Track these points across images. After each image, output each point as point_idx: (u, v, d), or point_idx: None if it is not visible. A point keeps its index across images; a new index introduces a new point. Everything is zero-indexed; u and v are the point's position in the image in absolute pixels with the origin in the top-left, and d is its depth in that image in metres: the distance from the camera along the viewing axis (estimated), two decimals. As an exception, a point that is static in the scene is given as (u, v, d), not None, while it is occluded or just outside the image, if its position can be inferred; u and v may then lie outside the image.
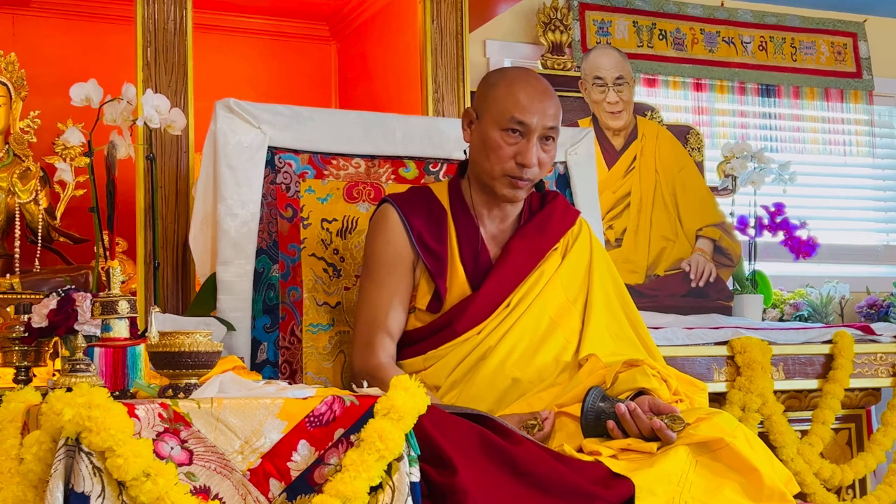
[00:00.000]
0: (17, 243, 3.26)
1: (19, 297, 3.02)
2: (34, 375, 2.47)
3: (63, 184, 3.42)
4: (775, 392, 3.13)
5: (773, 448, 3.05)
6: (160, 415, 1.51)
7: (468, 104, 3.02)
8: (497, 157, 2.19)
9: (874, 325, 3.44)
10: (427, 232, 2.25)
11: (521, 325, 2.21)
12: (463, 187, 2.31)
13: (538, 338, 2.21)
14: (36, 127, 3.44)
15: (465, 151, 2.31)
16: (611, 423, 1.92)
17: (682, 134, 3.88)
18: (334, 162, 2.54)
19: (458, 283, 2.24)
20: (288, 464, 1.57)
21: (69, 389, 1.50)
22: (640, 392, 2.01)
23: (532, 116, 2.16)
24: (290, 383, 2.00)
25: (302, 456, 1.58)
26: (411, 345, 2.25)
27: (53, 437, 1.48)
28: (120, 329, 1.76)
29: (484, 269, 2.25)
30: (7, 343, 2.45)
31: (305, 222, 2.46)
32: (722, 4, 4.50)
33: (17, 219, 3.31)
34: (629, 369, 2.07)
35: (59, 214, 3.44)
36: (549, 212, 2.33)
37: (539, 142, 2.19)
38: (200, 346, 1.62)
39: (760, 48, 4.54)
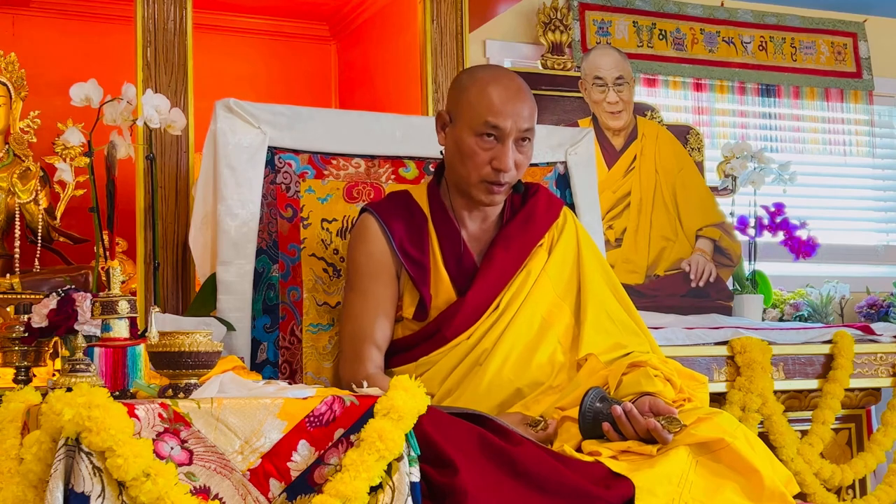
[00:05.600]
0: (17, 243, 3.26)
1: (19, 297, 3.01)
2: (34, 375, 2.47)
3: (63, 184, 3.42)
4: (775, 392, 3.13)
5: (773, 448, 3.04)
6: (160, 415, 1.51)
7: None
8: (473, 164, 2.15)
9: (874, 325, 3.44)
10: (408, 239, 2.22)
11: (514, 328, 2.18)
12: (441, 190, 2.28)
13: (532, 340, 2.19)
14: (36, 127, 3.44)
15: (441, 153, 2.28)
16: (606, 426, 1.90)
17: (682, 134, 3.88)
18: (334, 162, 2.54)
19: (444, 289, 2.22)
20: (288, 464, 1.57)
21: (69, 389, 1.50)
22: (646, 394, 1.98)
23: (506, 120, 2.12)
24: (290, 383, 2.00)
25: (302, 456, 1.58)
26: (402, 352, 2.24)
27: (53, 437, 1.49)
28: (120, 329, 1.76)
29: (468, 273, 2.23)
30: (7, 343, 2.45)
31: (305, 222, 2.46)
32: (722, 4, 4.49)
33: (17, 219, 3.31)
34: (633, 370, 2.04)
35: (59, 214, 3.44)
36: (532, 207, 2.30)
37: (514, 144, 2.15)
38: (200, 346, 1.62)
39: (760, 48, 4.53)
